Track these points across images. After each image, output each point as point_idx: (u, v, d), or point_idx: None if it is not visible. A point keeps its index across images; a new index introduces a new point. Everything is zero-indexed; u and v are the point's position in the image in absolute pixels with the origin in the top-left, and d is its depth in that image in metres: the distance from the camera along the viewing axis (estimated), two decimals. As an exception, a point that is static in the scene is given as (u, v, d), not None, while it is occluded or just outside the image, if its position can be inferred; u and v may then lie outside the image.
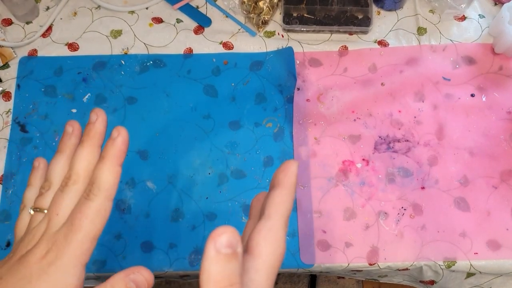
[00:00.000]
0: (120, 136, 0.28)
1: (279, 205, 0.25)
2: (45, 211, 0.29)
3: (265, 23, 0.70)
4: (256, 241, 0.24)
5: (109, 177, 0.27)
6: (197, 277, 0.64)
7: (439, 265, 0.59)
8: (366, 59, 0.69)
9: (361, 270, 0.61)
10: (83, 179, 0.29)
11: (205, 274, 0.21)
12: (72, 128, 0.32)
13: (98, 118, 0.30)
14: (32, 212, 0.30)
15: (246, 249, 0.24)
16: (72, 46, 0.70)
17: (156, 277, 0.63)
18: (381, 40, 0.70)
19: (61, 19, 0.72)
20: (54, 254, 0.26)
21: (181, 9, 0.72)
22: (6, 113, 0.66)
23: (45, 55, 0.70)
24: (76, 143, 0.32)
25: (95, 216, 0.27)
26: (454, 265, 0.58)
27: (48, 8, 0.73)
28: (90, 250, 0.27)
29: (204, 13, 0.72)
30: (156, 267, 0.59)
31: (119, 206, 0.62)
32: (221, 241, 0.21)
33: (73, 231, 0.26)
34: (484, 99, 0.66)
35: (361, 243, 0.59)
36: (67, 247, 0.26)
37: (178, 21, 0.72)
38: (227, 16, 0.72)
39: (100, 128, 0.30)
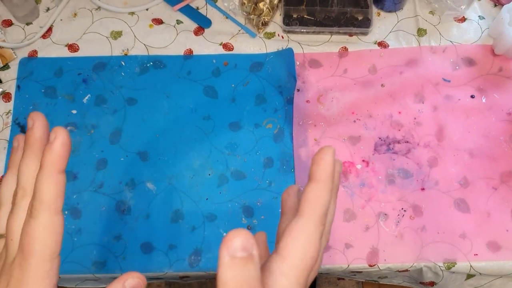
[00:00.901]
0: (58, 139, 0.24)
1: (312, 201, 0.23)
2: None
3: (265, 24, 0.70)
4: (285, 242, 0.22)
5: (49, 188, 0.24)
6: (197, 278, 0.64)
7: (439, 266, 0.59)
8: (366, 60, 0.69)
9: (361, 272, 0.61)
10: (30, 192, 0.25)
11: (221, 281, 0.20)
12: (18, 142, 0.30)
13: (34, 123, 0.27)
14: None
15: (276, 249, 0.23)
16: (72, 47, 0.70)
17: (156, 278, 0.63)
18: (381, 41, 0.70)
19: (61, 20, 0.72)
20: (15, 286, 0.24)
21: (181, 10, 0.72)
22: (6, 114, 0.67)
23: (45, 56, 0.70)
24: None
25: (43, 234, 0.24)
26: (454, 266, 0.58)
27: (48, 9, 0.73)
28: (53, 269, 0.25)
29: (204, 14, 0.72)
30: (156, 268, 0.59)
31: (119, 207, 0.62)
32: (235, 245, 0.20)
33: (25, 257, 0.24)
34: (484, 100, 0.66)
35: (361, 244, 0.59)
36: (25, 276, 0.24)
37: (178, 22, 0.72)
38: (227, 17, 0.72)
39: (37, 133, 0.27)
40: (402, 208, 0.61)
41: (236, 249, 0.20)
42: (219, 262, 0.20)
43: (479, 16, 0.72)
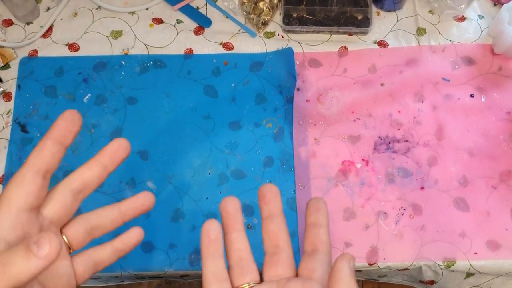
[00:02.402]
0: (60, 115, 0.28)
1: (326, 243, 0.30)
2: None
3: (265, 23, 0.70)
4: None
5: (35, 150, 0.27)
6: (197, 277, 0.64)
7: (438, 265, 0.59)
8: (366, 60, 0.69)
9: (361, 270, 0.61)
10: None
11: (345, 283, 0.25)
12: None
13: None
14: None
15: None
16: (73, 47, 0.70)
17: (156, 277, 0.63)
18: (381, 40, 0.70)
19: (61, 19, 0.72)
20: None
21: (181, 9, 0.72)
22: (7, 114, 0.67)
23: (45, 55, 0.70)
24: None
25: (12, 186, 0.26)
26: (453, 265, 0.59)
27: (48, 9, 0.73)
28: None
29: (204, 13, 0.73)
30: (156, 267, 0.59)
31: (120, 206, 0.62)
32: (351, 263, 0.25)
33: None
34: (483, 99, 0.66)
35: (360, 243, 0.60)
36: None
37: (178, 21, 0.72)
38: (227, 17, 0.72)
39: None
40: (402, 207, 0.61)
41: (351, 267, 0.25)
42: (342, 270, 0.25)
43: (478, 15, 0.72)
